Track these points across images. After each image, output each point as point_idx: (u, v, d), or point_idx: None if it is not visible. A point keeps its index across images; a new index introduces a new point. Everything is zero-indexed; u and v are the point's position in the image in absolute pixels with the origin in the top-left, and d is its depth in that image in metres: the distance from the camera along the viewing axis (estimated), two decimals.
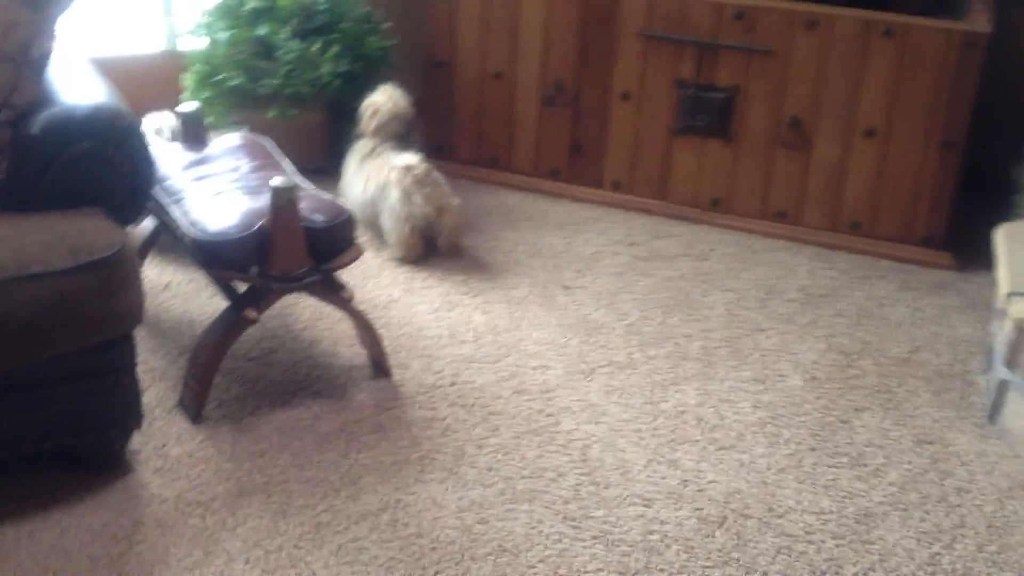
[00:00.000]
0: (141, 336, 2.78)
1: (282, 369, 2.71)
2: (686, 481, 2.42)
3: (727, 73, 3.43)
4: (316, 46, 3.45)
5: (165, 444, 2.40)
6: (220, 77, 3.53)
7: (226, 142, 2.87)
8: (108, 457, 2.31)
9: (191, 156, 2.77)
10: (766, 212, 3.54)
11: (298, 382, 2.66)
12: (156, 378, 2.63)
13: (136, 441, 2.39)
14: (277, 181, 2.40)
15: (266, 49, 3.51)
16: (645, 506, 2.34)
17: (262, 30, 3.48)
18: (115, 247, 2.13)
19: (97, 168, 2.24)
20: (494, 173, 3.79)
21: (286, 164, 2.80)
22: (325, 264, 2.51)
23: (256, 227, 2.41)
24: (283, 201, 2.40)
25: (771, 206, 3.53)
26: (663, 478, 2.42)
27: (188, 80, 3.60)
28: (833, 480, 2.45)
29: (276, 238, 2.42)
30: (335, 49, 3.46)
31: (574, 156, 3.69)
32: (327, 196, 2.60)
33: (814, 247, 3.49)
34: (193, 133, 2.84)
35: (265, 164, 2.75)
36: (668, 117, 3.54)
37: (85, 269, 2.09)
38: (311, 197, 2.57)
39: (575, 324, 2.99)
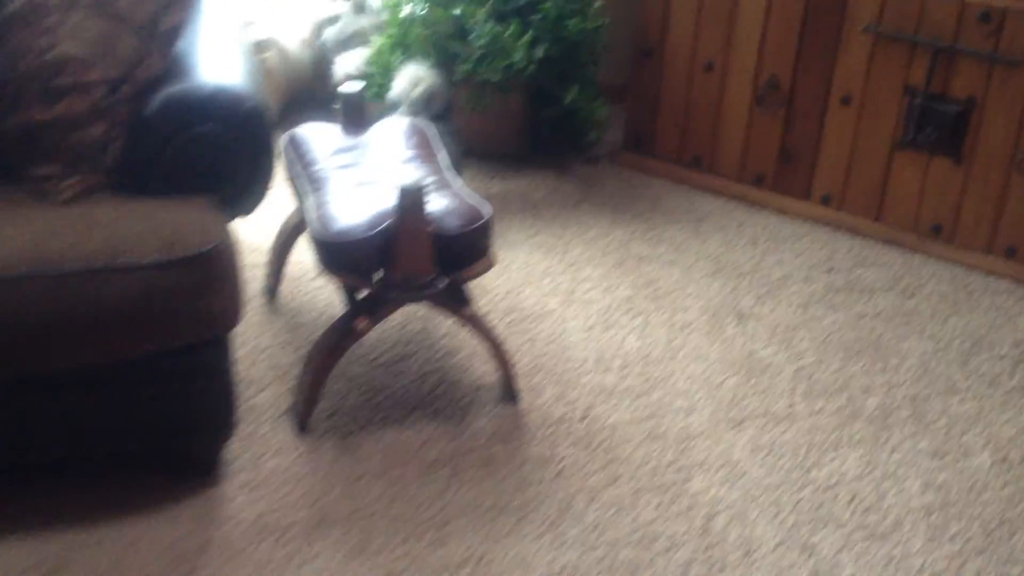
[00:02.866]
0: (277, 327, 2.71)
1: (408, 380, 2.56)
2: (817, 573, 2.10)
3: (964, 83, 2.97)
4: (510, 31, 3.24)
5: (263, 454, 2.31)
6: (411, 52, 3.39)
7: (387, 128, 2.72)
8: (197, 464, 2.24)
9: (346, 141, 2.64)
10: (993, 247, 3.07)
11: (420, 397, 2.51)
12: (278, 376, 2.55)
13: (235, 447, 2.31)
14: (405, 180, 2.22)
15: (462, 31, 3.33)
16: None
17: (457, 10, 3.31)
18: (210, 244, 2.01)
19: (214, 154, 2.14)
20: (695, 175, 3.49)
21: (442, 156, 2.63)
22: (452, 274, 2.33)
23: (379, 229, 2.25)
24: (409, 203, 2.22)
25: (1000, 241, 3.05)
26: (791, 566, 2.11)
27: (372, 52, 3.44)
28: None
29: (399, 242, 2.25)
30: (529, 35, 3.24)
31: (782, 163, 3.33)
32: (469, 197, 2.40)
33: None
34: (354, 116, 2.70)
35: (420, 155, 2.59)
36: (891, 128, 3.12)
37: (175, 265, 1.98)
38: (451, 196, 2.39)
39: (738, 361, 2.68)
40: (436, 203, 2.33)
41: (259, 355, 2.62)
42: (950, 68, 2.97)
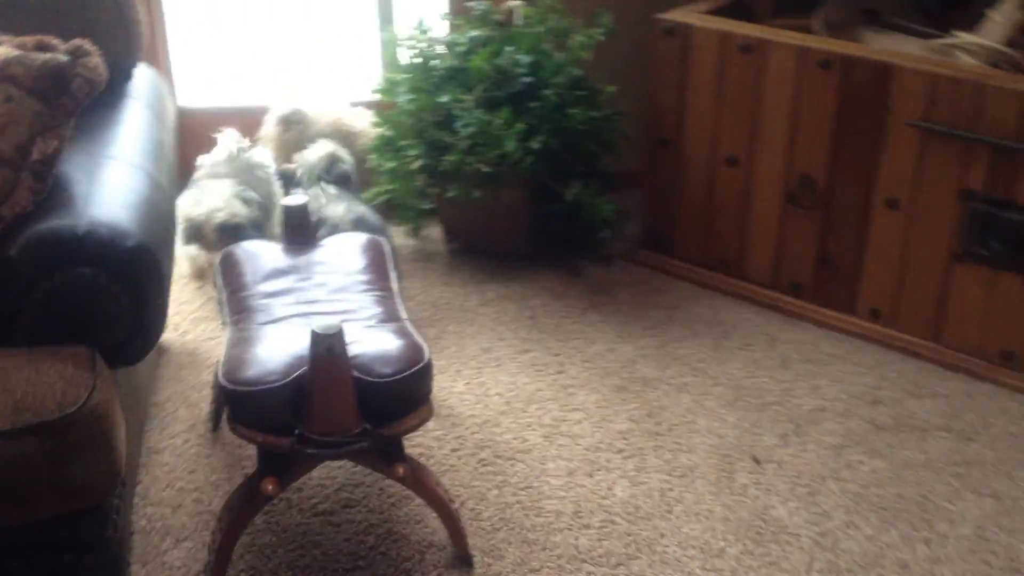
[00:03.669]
0: (213, 463, 2.34)
1: (348, 535, 2.15)
2: None
3: None
4: (500, 119, 2.86)
5: None
6: (401, 145, 3.03)
7: (338, 244, 2.35)
8: None
9: (285, 261, 2.27)
10: None
11: (356, 558, 2.10)
12: (202, 524, 2.16)
13: None
14: (321, 323, 1.84)
15: (450, 120, 2.97)
16: None
17: (444, 97, 2.94)
18: (69, 408, 1.65)
19: (89, 300, 1.78)
20: (722, 279, 3.04)
21: (392, 280, 2.25)
22: (382, 427, 1.93)
23: (292, 378, 1.86)
24: (323, 351, 1.83)
25: None
26: None
27: (374, 145, 3.14)
28: None
29: (314, 394, 1.86)
30: (520, 125, 2.85)
31: (822, 270, 2.87)
32: (409, 336, 2.00)
33: None
34: (297, 231, 2.34)
35: (367, 280, 2.20)
36: (948, 237, 2.64)
37: (24, 433, 1.63)
38: (389, 334, 1.99)
39: (746, 521, 2.21)
40: (368, 344, 1.95)
41: (186, 497, 2.25)
42: (1015, 170, 2.49)
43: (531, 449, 2.41)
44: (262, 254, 2.30)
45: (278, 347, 1.94)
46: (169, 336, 2.75)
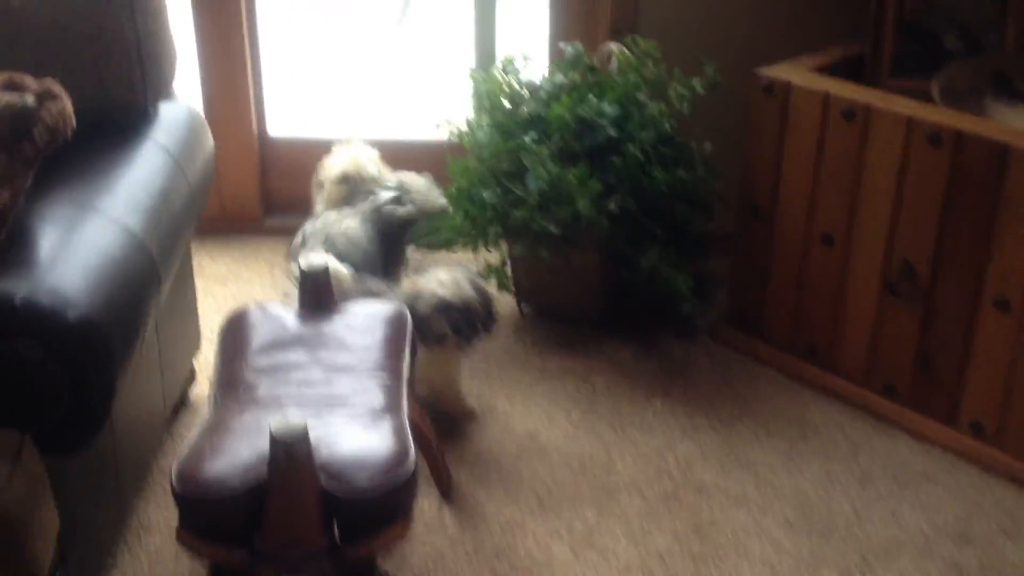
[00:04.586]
0: None
1: None
2: None
3: None
4: (574, 175, 2.61)
5: None
6: (474, 190, 2.82)
7: (358, 313, 2.16)
8: None
9: (295, 331, 2.08)
10: None
11: None
12: None
13: None
14: (281, 421, 1.65)
15: (523, 169, 2.74)
16: None
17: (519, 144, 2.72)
18: None
19: (21, 377, 1.63)
20: (810, 369, 2.71)
21: (404, 363, 2.03)
22: (350, 544, 1.72)
23: (251, 486, 1.67)
24: (282, 455, 1.64)
25: None
26: None
27: (449, 193, 2.94)
28: None
29: (271, 503, 1.67)
30: (595, 184, 2.60)
31: (920, 372, 2.52)
32: (399, 436, 1.79)
33: None
34: (314, 296, 2.16)
35: (374, 360, 2.00)
36: None
37: None
38: (376, 434, 1.79)
39: None
40: (347, 442, 1.75)
41: None
42: None
43: (552, 563, 2.16)
44: (273, 319, 2.11)
45: (245, 441, 1.75)
46: (200, 391, 2.61)
